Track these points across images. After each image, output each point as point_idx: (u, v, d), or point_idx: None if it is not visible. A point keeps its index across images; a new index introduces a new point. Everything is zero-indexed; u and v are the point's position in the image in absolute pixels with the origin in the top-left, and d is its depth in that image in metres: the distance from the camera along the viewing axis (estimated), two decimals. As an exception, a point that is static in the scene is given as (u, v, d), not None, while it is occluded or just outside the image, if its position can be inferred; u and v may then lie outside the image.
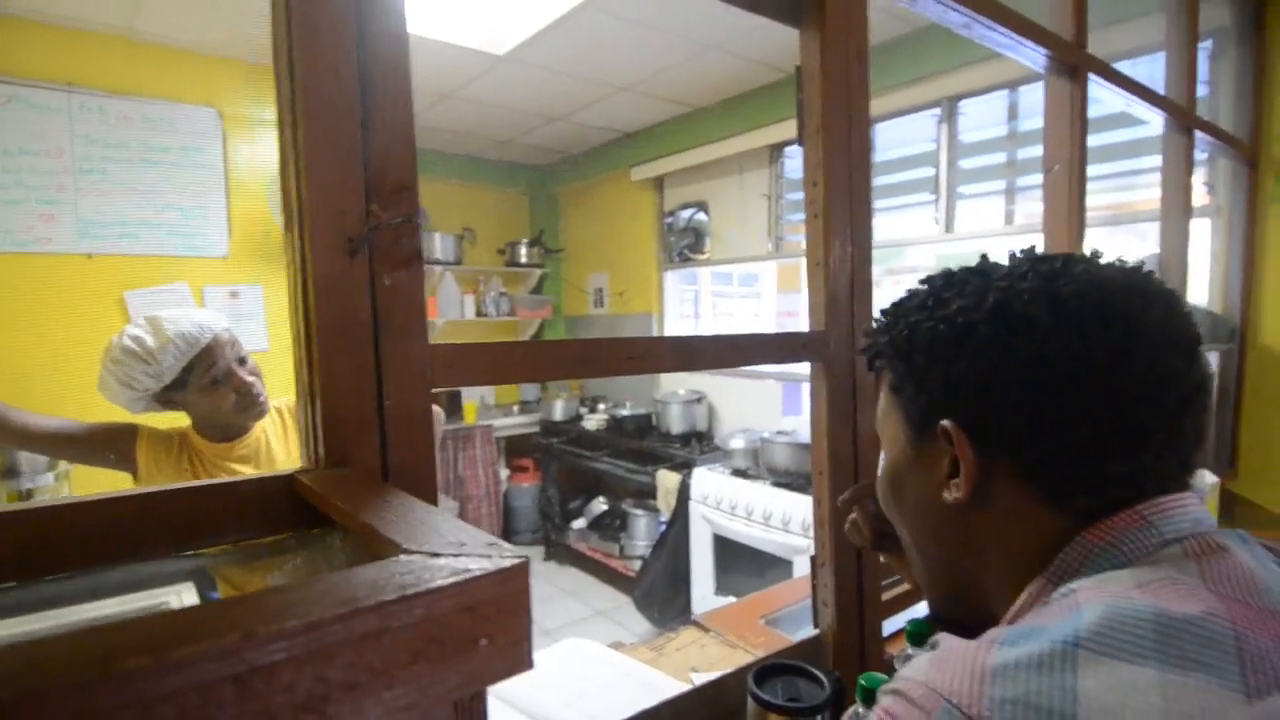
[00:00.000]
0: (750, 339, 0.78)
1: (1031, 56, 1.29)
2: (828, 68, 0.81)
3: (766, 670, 0.75)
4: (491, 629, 0.28)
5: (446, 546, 0.30)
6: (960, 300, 0.51)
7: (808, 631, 1.15)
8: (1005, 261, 0.55)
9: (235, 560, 0.43)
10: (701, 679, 0.99)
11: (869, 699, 0.61)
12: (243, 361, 1.39)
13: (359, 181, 0.48)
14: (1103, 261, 0.52)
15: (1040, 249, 0.54)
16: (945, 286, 0.54)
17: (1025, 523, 0.49)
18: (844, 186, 0.83)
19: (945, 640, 0.40)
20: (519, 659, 0.28)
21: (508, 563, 0.28)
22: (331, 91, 0.46)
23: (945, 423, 0.50)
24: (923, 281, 0.58)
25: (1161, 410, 0.46)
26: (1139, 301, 0.48)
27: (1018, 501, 0.49)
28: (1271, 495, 2.25)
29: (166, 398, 1.34)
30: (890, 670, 0.73)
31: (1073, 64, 1.33)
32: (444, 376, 0.53)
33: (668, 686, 0.97)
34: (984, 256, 0.57)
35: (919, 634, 0.70)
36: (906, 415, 0.55)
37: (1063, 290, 0.48)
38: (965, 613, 0.57)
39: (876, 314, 0.61)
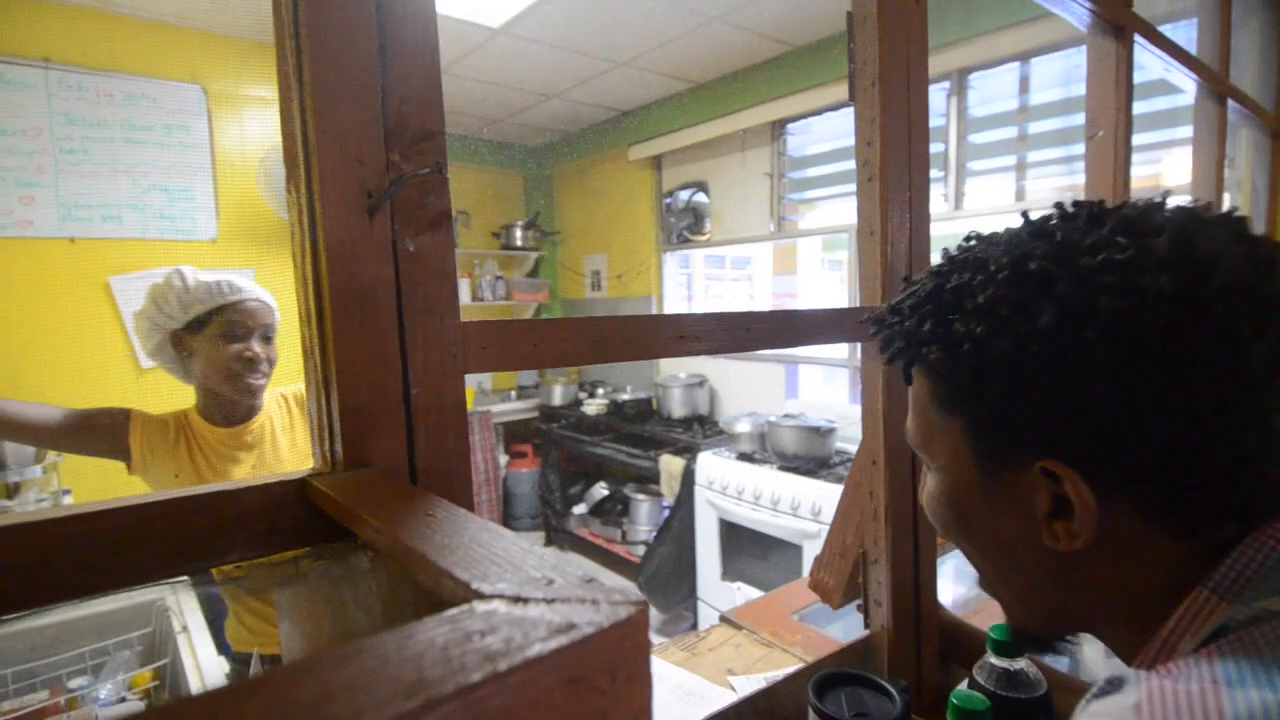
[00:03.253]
0: (803, 316, 0.71)
1: (1077, 13, 1.20)
2: (885, 11, 0.73)
3: (826, 680, 0.68)
4: (605, 705, 0.20)
5: (531, 585, 0.22)
6: (1051, 307, 0.39)
7: (846, 627, 1.08)
8: (1050, 222, 0.43)
9: (242, 587, 0.35)
10: (740, 682, 0.92)
11: (962, 721, 0.54)
12: (267, 340, 1.35)
13: (377, 124, 0.40)
14: (1202, 217, 0.41)
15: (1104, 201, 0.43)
16: (1015, 282, 0.41)
17: (1150, 559, 0.41)
18: (903, 145, 0.75)
19: (1139, 683, 0.32)
20: (639, 742, 0.21)
21: (624, 612, 0.20)
22: (341, 9, 0.38)
23: (1050, 465, 0.40)
24: (961, 264, 0.45)
25: None
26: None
27: (1141, 539, 0.40)
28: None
29: (180, 338, 1.32)
30: (955, 678, 0.66)
31: (1119, 23, 1.24)
32: (479, 360, 0.45)
33: (705, 691, 0.90)
34: (1026, 217, 0.45)
35: (1007, 643, 0.64)
36: (975, 442, 0.45)
37: (1204, 288, 0.37)
38: (1055, 633, 0.49)
39: (895, 303, 0.49)
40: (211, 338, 1.30)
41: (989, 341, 0.41)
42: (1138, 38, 1.30)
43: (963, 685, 0.66)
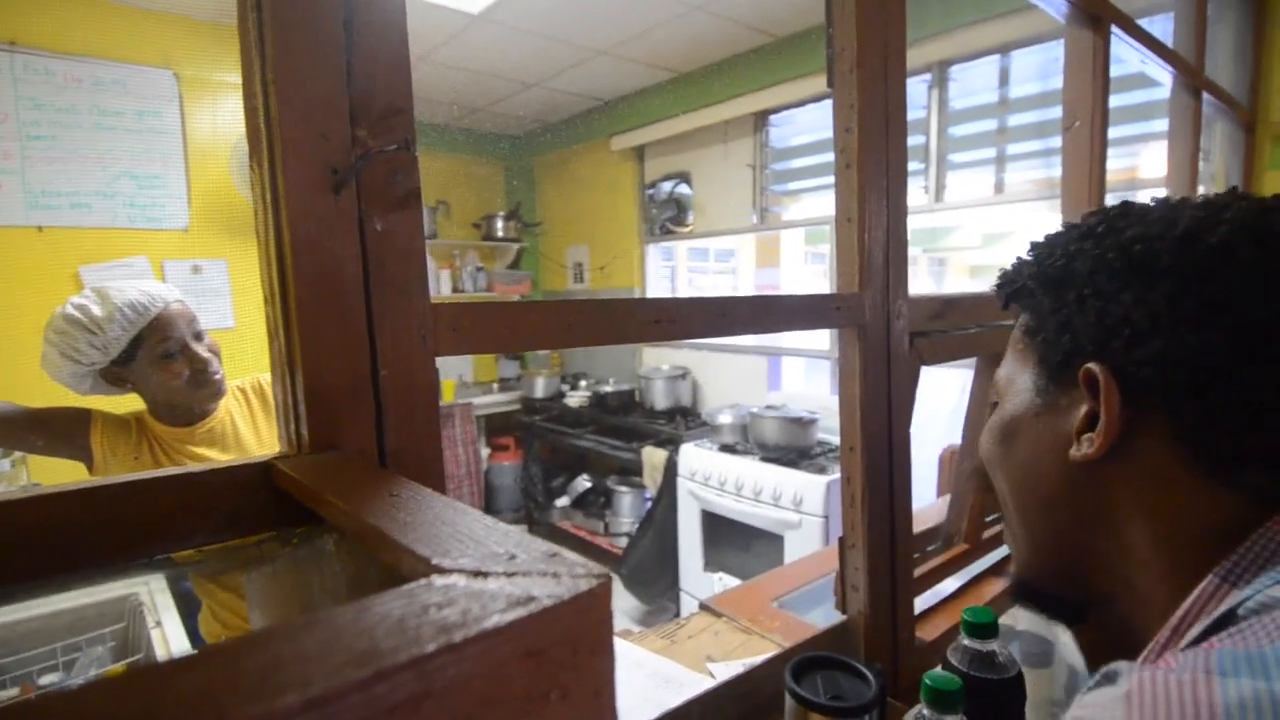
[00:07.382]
0: (780, 302, 0.70)
1: (1055, 2, 1.21)
2: (863, -3, 0.72)
3: (802, 664, 0.68)
4: (565, 678, 0.20)
5: (492, 560, 0.22)
6: (1140, 227, 0.43)
7: (826, 614, 1.09)
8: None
9: (203, 573, 0.35)
10: (719, 669, 0.92)
11: (936, 700, 0.55)
12: (199, 337, 1.28)
13: (342, 99, 0.39)
14: None
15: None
16: (1122, 215, 0.46)
17: (1171, 489, 0.42)
18: (880, 131, 0.75)
19: (1131, 673, 0.31)
20: (601, 713, 0.20)
21: (585, 584, 0.20)
22: (306, -20, 0.37)
23: (1091, 365, 0.43)
24: (1089, 214, 0.49)
25: None
26: None
27: (1164, 464, 0.42)
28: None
29: (114, 374, 1.23)
30: (930, 661, 0.67)
31: (1095, 14, 1.25)
32: (449, 341, 0.45)
33: (684, 678, 0.90)
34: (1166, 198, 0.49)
35: (980, 625, 0.64)
36: (1042, 359, 0.48)
37: (1276, 222, 0.40)
38: (1066, 588, 0.50)
39: (1025, 248, 0.53)
40: (149, 363, 1.22)
41: (1080, 254, 0.46)
42: (1115, 29, 1.31)
43: (937, 667, 0.67)
